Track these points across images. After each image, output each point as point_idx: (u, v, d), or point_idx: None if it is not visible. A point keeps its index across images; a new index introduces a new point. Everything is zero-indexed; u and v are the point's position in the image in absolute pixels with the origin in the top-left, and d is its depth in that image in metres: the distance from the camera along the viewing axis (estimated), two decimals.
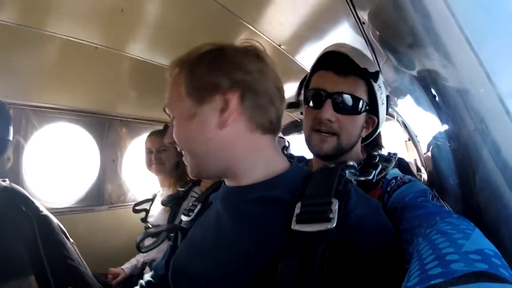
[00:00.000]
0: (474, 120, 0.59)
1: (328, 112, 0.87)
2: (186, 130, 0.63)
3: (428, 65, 0.74)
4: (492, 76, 0.48)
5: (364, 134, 0.97)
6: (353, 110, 0.89)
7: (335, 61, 0.90)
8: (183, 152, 0.67)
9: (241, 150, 0.63)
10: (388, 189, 0.80)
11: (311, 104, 0.92)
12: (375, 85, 0.90)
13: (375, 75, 0.89)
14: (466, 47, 0.49)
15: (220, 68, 0.61)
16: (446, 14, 0.48)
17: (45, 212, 1.17)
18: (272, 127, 0.65)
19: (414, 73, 0.94)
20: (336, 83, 0.88)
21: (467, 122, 0.64)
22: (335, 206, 0.52)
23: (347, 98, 0.88)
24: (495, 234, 0.62)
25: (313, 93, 0.91)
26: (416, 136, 1.97)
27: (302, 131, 0.98)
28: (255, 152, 0.64)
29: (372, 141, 1.11)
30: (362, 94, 0.90)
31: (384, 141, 2.15)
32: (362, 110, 0.90)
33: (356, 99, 0.88)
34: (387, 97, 0.98)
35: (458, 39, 0.49)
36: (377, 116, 0.95)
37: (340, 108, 0.88)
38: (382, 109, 0.95)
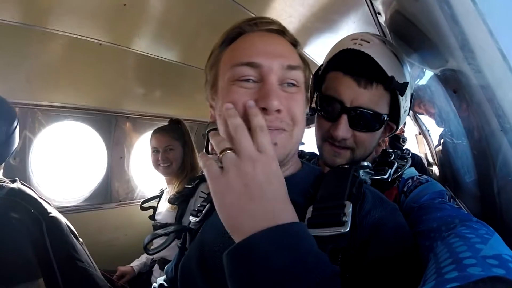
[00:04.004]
0: (501, 120, 0.56)
1: (343, 130, 0.75)
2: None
3: (451, 60, 0.70)
4: None
5: (380, 140, 0.88)
6: (372, 127, 0.78)
7: (355, 63, 0.75)
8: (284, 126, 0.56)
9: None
10: (405, 189, 0.78)
11: (323, 113, 0.80)
12: (401, 97, 0.77)
13: (403, 88, 0.74)
14: (493, 46, 0.46)
15: None
16: (472, 11, 0.44)
17: (54, 213, 1.16)
18: None
19: (435, 68, 0.88)
20: (355, 94, 0.74)
21: (492, 121, 0.61)
22: (349, 209, 0.50)
23: (367, 115, 0.75)
24: None
25: (326, 102, 0.79)
26: (428, 130, 1.92)
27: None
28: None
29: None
30: (384, 108, 0.78)
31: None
32: (382, 125, 0.79)
33: (376, 116, 0.76)
34: (411, 95, 0.85)
35: (485, 38, 0.46)
36: (397, 124, 0.84)
37: (357, 124, 0.76)
38: (403, 117, 0.83)
